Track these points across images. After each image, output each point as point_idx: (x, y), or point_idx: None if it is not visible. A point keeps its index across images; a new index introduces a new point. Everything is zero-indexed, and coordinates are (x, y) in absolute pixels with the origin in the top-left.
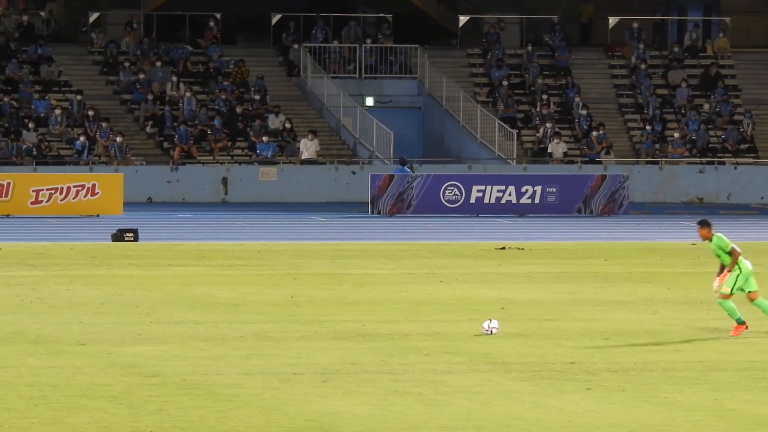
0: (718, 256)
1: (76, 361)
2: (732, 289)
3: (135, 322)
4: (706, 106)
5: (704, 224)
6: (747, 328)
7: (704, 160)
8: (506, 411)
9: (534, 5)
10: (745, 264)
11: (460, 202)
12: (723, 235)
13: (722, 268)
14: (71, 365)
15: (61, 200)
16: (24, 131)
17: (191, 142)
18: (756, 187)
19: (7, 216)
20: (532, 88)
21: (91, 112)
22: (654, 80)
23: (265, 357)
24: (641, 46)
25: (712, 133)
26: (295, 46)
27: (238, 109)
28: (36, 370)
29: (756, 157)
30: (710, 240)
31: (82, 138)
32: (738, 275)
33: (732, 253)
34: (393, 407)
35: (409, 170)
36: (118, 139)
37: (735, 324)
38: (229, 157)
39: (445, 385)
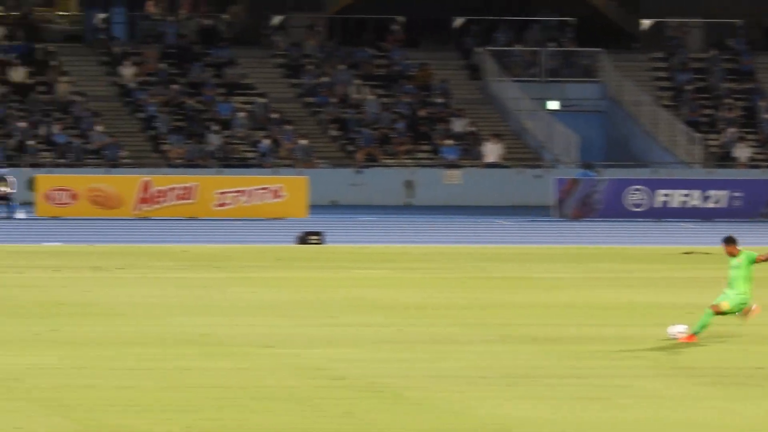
0: (737, 269)
1: (263, 363)
2: (731, 307)
3: (320, 325)
4: None
5: (730, 241)
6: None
7: None
8: (692, 416)
9: (716, 9)
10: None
11: (646, 206)
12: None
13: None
14: (258, 367)
15: (246, 203)
16: (208, 133)
17: (375, 145)
18: None
19: (193, 218)
20: (717, 92)
21: (275, 115)
22: None
23: (451, 360)
24: None
25: None
26: (478, 49)
27: (422, 113)
28: (223, 372)
29: None
30: (736, 256)
31: (266, 140)
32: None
33: (759, 259)
34: (579, 411)
35: (593, 174)
36: (303, 141)
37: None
38: (413, 160)
39: (631, 389)
